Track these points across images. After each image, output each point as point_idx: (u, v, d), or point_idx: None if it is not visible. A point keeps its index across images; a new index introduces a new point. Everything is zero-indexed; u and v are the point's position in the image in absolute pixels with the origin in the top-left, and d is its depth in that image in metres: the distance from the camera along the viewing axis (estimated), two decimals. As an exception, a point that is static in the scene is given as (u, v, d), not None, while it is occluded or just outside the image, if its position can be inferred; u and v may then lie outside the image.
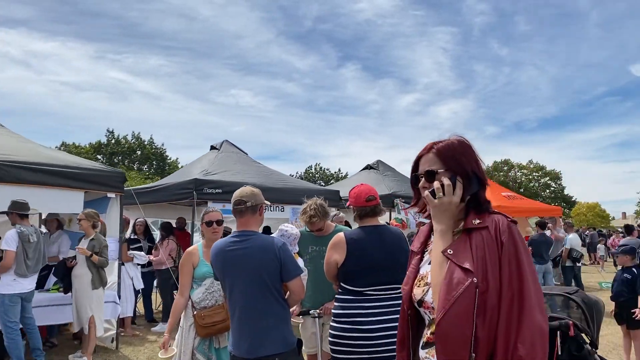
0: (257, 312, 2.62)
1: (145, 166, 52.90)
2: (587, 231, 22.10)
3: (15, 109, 62.18)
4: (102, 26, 66.30)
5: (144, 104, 70.14)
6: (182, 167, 52.55)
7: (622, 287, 5.46)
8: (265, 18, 76.04)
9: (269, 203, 3.11)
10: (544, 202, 53.50)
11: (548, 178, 54.56)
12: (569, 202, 53.75)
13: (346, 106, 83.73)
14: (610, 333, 6.86)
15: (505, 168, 55.69)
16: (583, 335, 2.85)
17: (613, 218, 60.33)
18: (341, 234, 2.97)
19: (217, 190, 7.08)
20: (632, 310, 5.29)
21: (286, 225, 3.53)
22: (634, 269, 5.48)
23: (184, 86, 74.32)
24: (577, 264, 9.00)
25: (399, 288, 2.85)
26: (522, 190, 53.45)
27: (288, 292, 2.74)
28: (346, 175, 58.63)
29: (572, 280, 9.24)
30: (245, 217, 2.76)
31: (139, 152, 51.96)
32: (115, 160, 49.99)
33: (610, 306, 5.70)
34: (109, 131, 52.08)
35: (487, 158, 77.05)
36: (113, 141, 51.39)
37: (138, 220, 7.76)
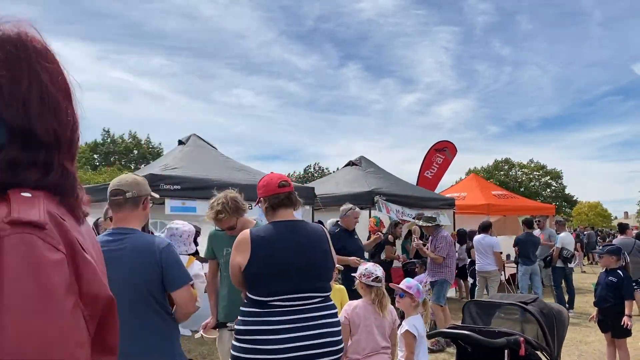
0: (132, 330, 2.09)
1: (143, 165, 52.54)
2: (585, 231, 21.56)
3: None
4: (105, 26, 66.46)
5: (146, 104, 70.08)
6: (178, 166, 52.20)
7: (606, 292, 4.97)
8: (267, 18, 76.14)
9: (156, 196, 2.61)
10: (544, 201, 52.87)
11: (549, 177, 53.98)
12: (570, 202, 53.15)
13: (348, 106, 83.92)
14: (598, 340, 6.35)
15: (506, 167, 55.11)
16: (539, 353, 2.36)
17: (615, 217, 59.76)
18: (247, 231, 2.45)
19: (175, 187, 6.60)
20: (620, 318, 4.80)
21: (177, 222, 3.04)
22: (619, 271, 4.98)
23: (187, 86, 74.51)
24: (569, 265, 8.48)
25: (318, 297, 2.36)
26: (522, 189, 52.90)
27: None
28: (324, 171, 58.17)
29: (562, 282, 8.72)
30: (123, 211, 2.27)
31: (135, 152, 51.62)
32: (111, 159, 49.66)
33: (592, 310, 5.21)
34: (105, 130, 51.80)
35: (489, 157, 76.84)
36: (109, 140, 51.09)
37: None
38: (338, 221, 5.81)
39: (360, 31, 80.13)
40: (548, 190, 54.11)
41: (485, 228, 8.67)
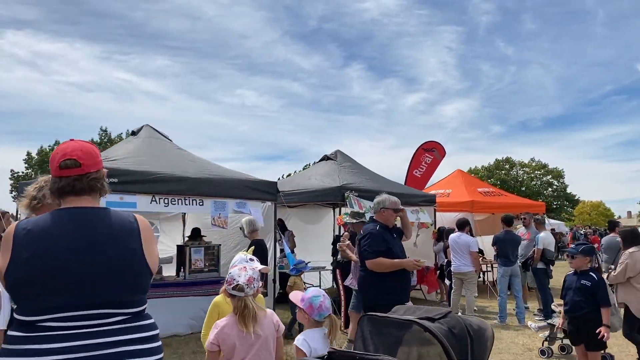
0: None
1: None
2: (583, 230, 20.83)
3: (22, 110, 62.68)
4: (108, 27, 66.38)
5: (149, 104, 69.94)
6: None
7: (579, 297, 4.33)
8: (270, 18, 76.04)
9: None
10: (545, 200, 52.09)
11: (550, 176, 53.16)
12: (572, 201, 52.31)
13: (351, 106, 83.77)
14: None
15: (507, 166, 54.32)
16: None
17: (619, 217, 58.94)
18: (13, 224, 1.74)
19: (111, 180, 5.96)
20: (595, 328, 4.17)
21: None
22: (592, 274, 4.34)
23: (189, 86, 74.48)
24: (551, 267, 7.83)
25: (118, 315, 1.70)
26: (523, 188, 52.12)
27: None
28: None
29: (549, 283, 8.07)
30: None
31: (133, 151, 51.19)
32: (108, 158, 49.24)
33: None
34: (102, 130, 51.45)
35: (492, 157, 76.10)
36: (106, 140, 50.74)
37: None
38: (372, 217, 4.68)
39: (363, 31, 79.95)
40: (549, 189, 53.30)
41: (461, 226, 8.04)
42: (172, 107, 72.09)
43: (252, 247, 3.42)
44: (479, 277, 11.12)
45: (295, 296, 2.53)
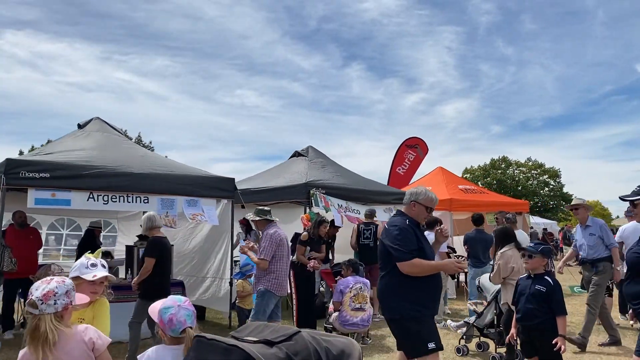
0: None
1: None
2: (572, 229, 20.39)
3: (23, 110, 62.38)
4: (108, 27, 66.26)
5: (149, 105, 69.73)
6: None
7: (533, 305, 3.87)
8: (271, 18, 75.96)
9: None
10: (542, 200, 51.64)
11: (547, 176, 52.73)
12: (568, 201, 51.79)
13: (351, 106, 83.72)
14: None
15: (503, 166, 53.90)
16: None
17: (617, 217, 58.42)
18: None
19: (42, 174, 5.55)
20: (551, 338, 3.71)
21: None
22: (548, 278, 3.89)
23: (190, 86, 74.39)
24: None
25: None
26: (520, 188, 51.69)
27: None
28: None
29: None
30: None
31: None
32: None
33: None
34: (95, 128, 51.08)
35: (486, 156, 75.90)
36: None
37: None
38: (400, 210, 3.94)
39: (363, 31, 79.79)
40: (546, 189, 52.87)
41: (430, 224, 7.58)
42: (173, 107, 72.05)
43: (100, 250, 2.96)
44: (454, 277, 10.67)
45: (152, 308, 2.09)
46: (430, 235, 7.42)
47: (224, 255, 7.38)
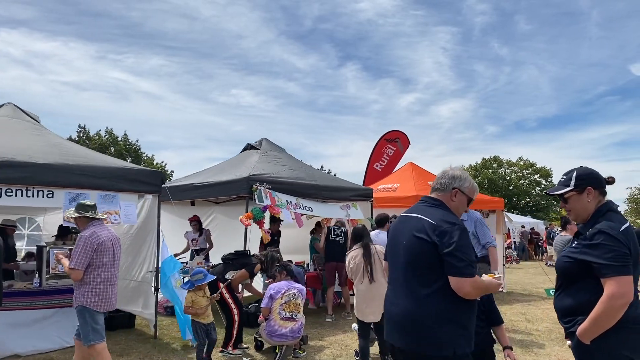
0: None
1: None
2: (556, 228, 19.73)
3: None
4: (103, 26, 65.59)
5: (145, 104, 69.14)
6: (157, 164, 50.19)
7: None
8: (266, 18, 75.70)
9: None
10: (533, 200, 51.16)
11: (538, 175, 52.27)
12: (560, 200, 51.28)
13: (347, 106, 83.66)
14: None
15: (494, 165, 53.41)
16: None
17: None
18: None
19: None
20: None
21: None
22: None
23: (185, 86, 73.96)
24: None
25: None
26: (511, 187, 51.22)
27: None
28: (329, 172, 56.75)
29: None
30: None
31: (112, 149, 50.05)
32: (86, 157, 48.07)
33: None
34: (81, 127, 50.26)
35: (481, 156, 75.61)
36: (84, 137, 49.51)
37: None
38: (432, 198, 2.75)
39: (359, 31, 79.42)
40: (537, 188, 52.40)
41: (381, 222, 6.89)
42: (168, 107, 71.48)
43: None
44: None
45: None
46: (381, 234, 6.72)
47: (147, 257, 6.62)
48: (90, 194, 5.87)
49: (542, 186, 52.23)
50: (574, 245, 2.48)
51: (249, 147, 9.24)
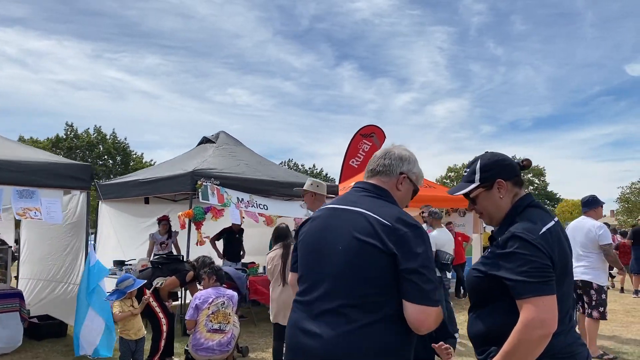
0: None
1: (111, 162, 50.59)
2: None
3: (12, 108, 61.70)
4: (99, 25, 65.24)
5: (141, 103, 68.57)
6: (146, 162, 49.52)
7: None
8: (263, 17, 75.56)
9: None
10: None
11: (531, 174, 51.87)
12: (553, 199, 51.00)
13: (343, 105, 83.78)
14: None
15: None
16: None
17: (605, 215, 57.85)
18: None
19: None
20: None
21: None
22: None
23: (181, 85, 73.73)
24: (448, 274, 6.09)
25: None
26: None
27: None
28: (321, 171, 56.18)
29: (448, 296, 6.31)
30: None
31: (100, 147, 49.40)
32: (73, 155, 47.42)
33: None
34: (68, 125, 49.60)
35: (470, 154, 75.37)
36: (72, 135, 48.80)
37: None
38: (370, 184, 2.00)
39: (355, 31, 79.39)
40: (530, 187, 51.99)
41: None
42: (164, 106, 70.94)
43: None
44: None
45: None
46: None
47: (74, 258, 6.01)
48: (5, 189, 5.26)
49: (535, 185, 51.85)
50: (487, 254, 1.88)
51: (204, 140, 8.62)
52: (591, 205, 5.83)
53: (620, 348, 6.04)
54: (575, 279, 5.62)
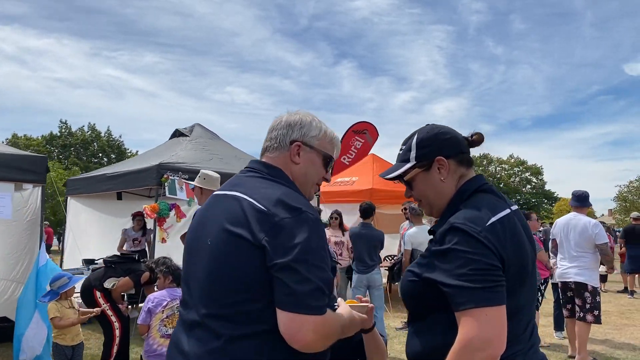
0: None
1: (105, 159, 50.31)
2: (542, 227, 18.79)
3: (10, 106, 61.46)
4: (97, 23, 65.04)
5: (139, 101, 68.25)
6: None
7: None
8: (262, 15, 75.57)
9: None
10: (524, 198, 50.32)
11: (529, 173, 51.51)
12: (550, 198, 50.64)
13: (342, 104, 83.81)
14: None
15: (484, 162, 52.54)
16: None
17: (603, 215, 57.56)
18: None
19: None
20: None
21: None
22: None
23: (180, 83, 73.54)
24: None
25: None
26: (502, 185, 50.43)
27: None
28: None
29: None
30: None
31: (95, 145, 49.05)
32: (67, 153, 47.06)
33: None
34: (62, 122, 49.23)
35: (476, 155, 75.22)
36: (66, 132, 48.42)
37: None
38: (260, 162, 1.60)
39: (354, 29, 79.36)
40: (528, 186, 51.67)
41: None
42: (162, 104, 70.59)
43: None
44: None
45: None
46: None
47: (27, 255, 5.61)
48: None
49: (533, 184, 51.50)
50: (424, 252, 1.48)
51: (177, 133, 8.21)
52: (585, 201, 5.44)
53: (612, 353, 5.66)
54: (568, 280, 5.29)
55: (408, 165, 1.51)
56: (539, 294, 5.85)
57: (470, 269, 1.25)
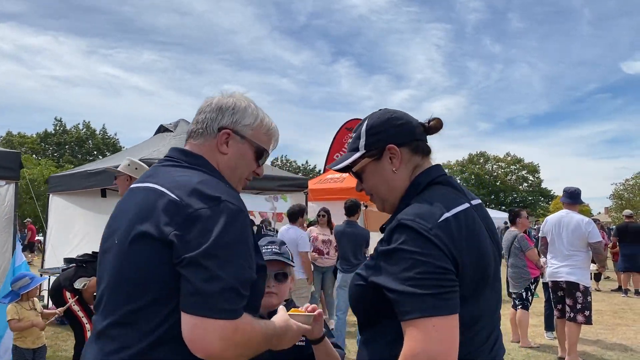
0: None
1: (100, 157, 50.02)
2: (536, 225, 18.70)
3: (7, 104, 61.05)
4: (94, 21, 64.85)
5: (136, 100, 68.02)
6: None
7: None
8: (259, 14, 75.39)
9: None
10: (520, 196, 50.24)
11: (525, 171, 51.46)
12: (547, 196, 50.58)
13: (340, 102, 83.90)
14: None
15: (481, 160, 52.49)
16: None
17: (599, 213, 57.61)
18: None
19: None
20: None
21: None
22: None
23: (177, 82, 73.47)
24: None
25: None
26: (498, 183, 50.38)
27: None
28: (314, 168, 55.65)
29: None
30: None
31: (90, 143, 48.79)
32: (62, 150, 46.81)
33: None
34: (57, 119, 48.97)
35: (466, 151, 75.15)
36: (61, 130, 48.14)
37: None
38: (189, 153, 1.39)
39: (352, 28, 79.45)
40: (525, 184, 51.61)
41: (293, 215, 5.70)
42: (160, 102, 70.32)
43: None
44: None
45: None
46: (291, 230, 5.55)
47: (2, 255, 5.43)
48: None
49: (530, 182, 51.45)
50: (373, 253, 1.31)
51: (162, 129, 8.02)
52: (577, 198, 5.30)
53: (603, 354, 5.51)
54: (559, 279, 5.13)
55: (357, 155, 1.34)
56: (529, 293, 5.71)
57: (418, 272, 1.08)
